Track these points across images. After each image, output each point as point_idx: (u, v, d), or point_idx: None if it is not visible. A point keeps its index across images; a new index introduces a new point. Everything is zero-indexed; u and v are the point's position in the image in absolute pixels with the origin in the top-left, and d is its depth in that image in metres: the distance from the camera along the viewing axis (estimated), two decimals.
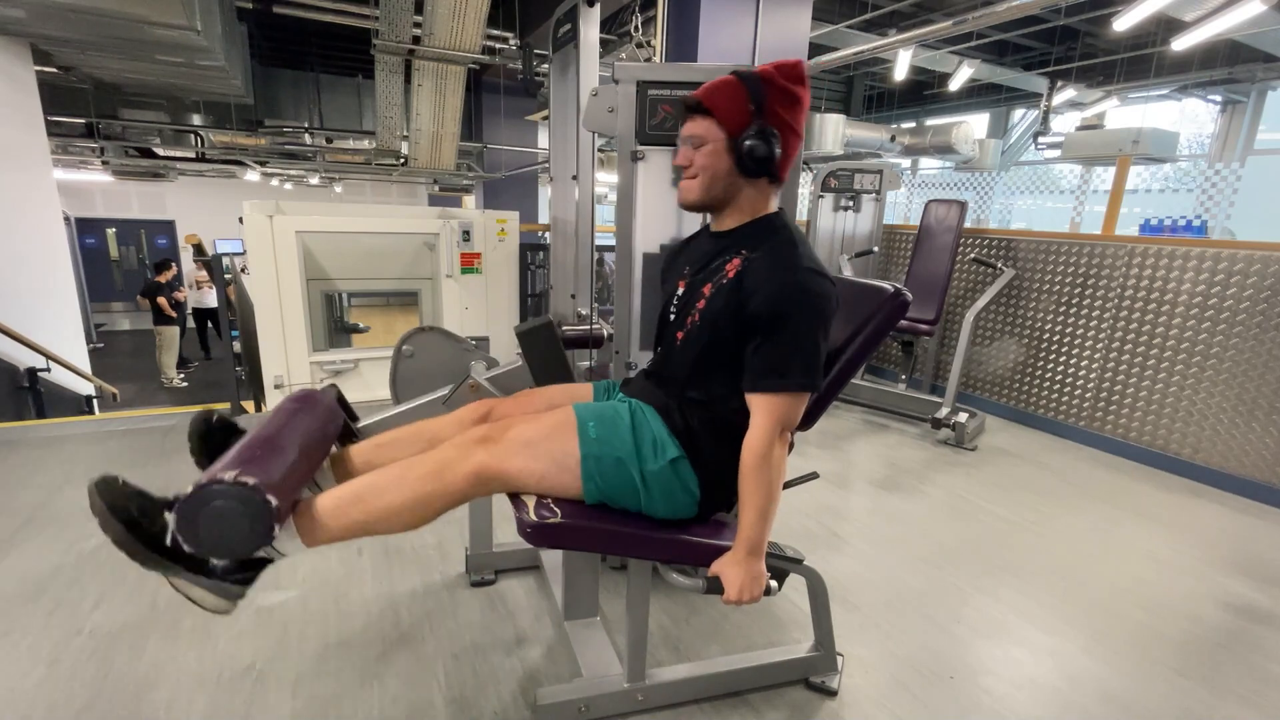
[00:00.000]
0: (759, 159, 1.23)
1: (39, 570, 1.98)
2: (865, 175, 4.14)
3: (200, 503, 1.03)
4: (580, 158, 2.26)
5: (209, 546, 1.06)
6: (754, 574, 1.25)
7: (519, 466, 1.23)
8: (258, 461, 1.10)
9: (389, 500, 1.18)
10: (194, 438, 1.30)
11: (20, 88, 4.69)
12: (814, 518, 2.51)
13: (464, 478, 1.20)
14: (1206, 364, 2.97)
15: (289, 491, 1.13)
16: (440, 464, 1.20)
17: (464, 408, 1.49)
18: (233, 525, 1.03)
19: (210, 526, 1.03)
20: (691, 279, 1.36)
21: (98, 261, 12.77)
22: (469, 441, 1.23)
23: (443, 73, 6.48)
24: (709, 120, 1.26)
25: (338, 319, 4.54)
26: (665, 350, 1.41)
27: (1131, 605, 2.01)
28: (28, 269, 4.79)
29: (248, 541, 1.05)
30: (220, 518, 1.03)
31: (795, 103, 1.25)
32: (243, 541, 1.05)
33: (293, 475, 1.16)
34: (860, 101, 11.65)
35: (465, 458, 1.21)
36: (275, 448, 1.17)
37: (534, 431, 1.25)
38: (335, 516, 1.17)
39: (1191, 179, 7.11)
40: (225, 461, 1.10)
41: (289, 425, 1.27)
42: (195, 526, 1.04)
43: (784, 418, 1.22)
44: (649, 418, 1.31)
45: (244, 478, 1.04)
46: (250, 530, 1.04)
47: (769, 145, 1.22)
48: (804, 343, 1.20)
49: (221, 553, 1.08)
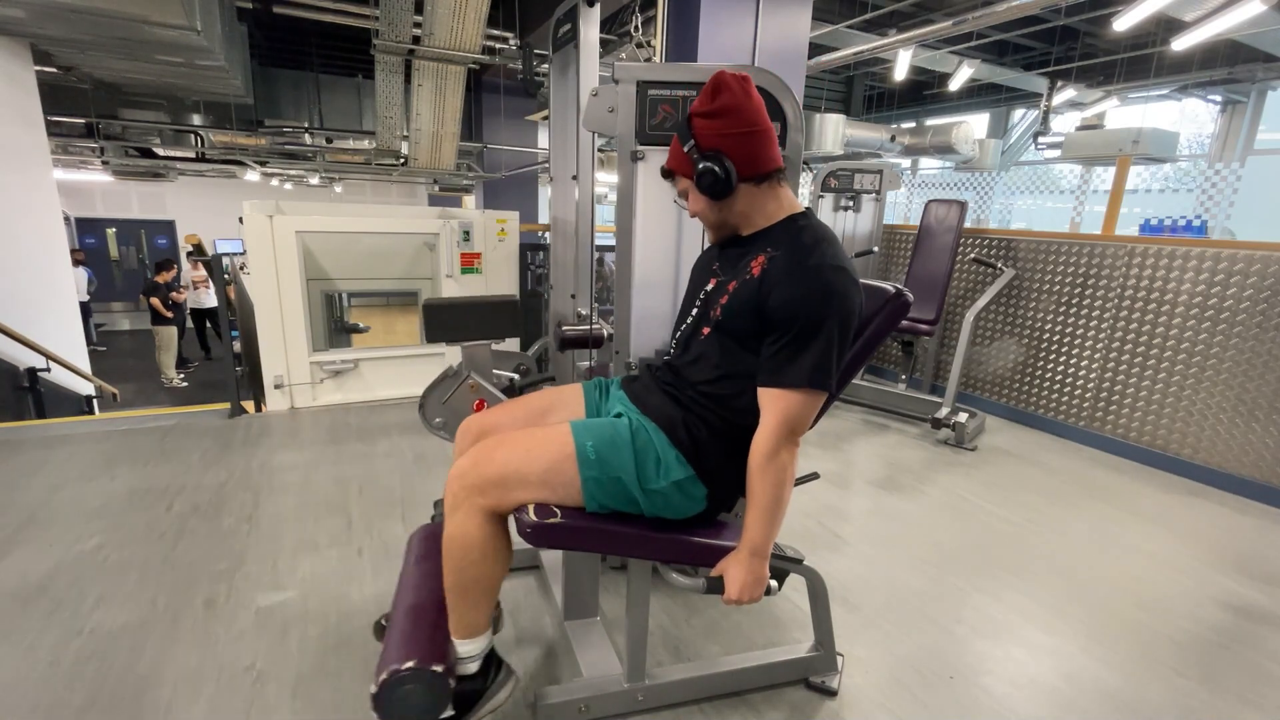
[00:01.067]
0: (714, 180, 1.27)
1: (39, 570, 1.99)
2: (865, 175, 4.14)
3: (389, 709, 1.20)
4: (580, 158, 2.26)
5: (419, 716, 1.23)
6: (756, 575, 1.25)
7: (521, 498, 1.26)
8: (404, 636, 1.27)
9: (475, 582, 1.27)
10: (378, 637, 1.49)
11: (20, 88, 4.69)
12: (814, 518, 2.51)
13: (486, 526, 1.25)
14: (1206, 364, 2.97)
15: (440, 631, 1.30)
16: (464, 538, 1.25)
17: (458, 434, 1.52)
18: (419, 698, 1.21)
19: (408, 712, 1.21)
20: (721, 276, 1.37)
21: (98, 262, 12.77)
22: (463, 489, 1.25)
23: (443, 73, 6.48)
24: (678, 177, 1.37)
25: (338, 319, 4.53)
26: (686, 345, 1.40)
27: (1131, 605, 2.02)
28: (28, 269, 4.79)
29: (438, 697, 1.23)
30: (407, 703, 1.21)
31: (723, 114, 1.26)
32: (435, 700, 1.23)
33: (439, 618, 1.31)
34: (860, 101, 11.65)
35: (472, 515, 1.24)
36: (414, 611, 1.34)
37: (529, 463, 1.25)
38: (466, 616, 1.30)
39: (1191, 179, 7.11)
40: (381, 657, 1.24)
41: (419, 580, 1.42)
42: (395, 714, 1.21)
43: (794, 417, 1.22)
44: (652, 436, 1.30)
45: (397, 667, 1.19)
46: (431, 691, 1.21)
47: (712, 164, 1.26)
48: (819, 341, 1.20)
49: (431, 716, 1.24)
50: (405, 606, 1.36)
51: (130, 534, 2.21)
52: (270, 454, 2.98)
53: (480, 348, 1.87)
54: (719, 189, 1.28)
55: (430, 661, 1.20)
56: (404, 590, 1.42)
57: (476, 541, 1.24)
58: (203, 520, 2.34)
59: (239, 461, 2.89)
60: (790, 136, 1.69)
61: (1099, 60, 8.01)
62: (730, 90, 1.25)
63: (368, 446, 3.11)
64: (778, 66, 2.08)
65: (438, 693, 1.22)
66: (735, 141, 1.26)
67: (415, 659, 1.20)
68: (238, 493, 2.57)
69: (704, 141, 1.27)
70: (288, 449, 3.06)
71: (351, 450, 3.06)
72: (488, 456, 1.26)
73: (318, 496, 2.55)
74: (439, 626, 1.29)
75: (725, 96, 1.25)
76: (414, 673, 1.19)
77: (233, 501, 2.49)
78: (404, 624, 1.31)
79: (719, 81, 1.26)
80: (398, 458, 2.97)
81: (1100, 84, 8.44)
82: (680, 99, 1.71)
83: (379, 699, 1.19)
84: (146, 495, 2.52)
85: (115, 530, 2.23)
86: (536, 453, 1.26)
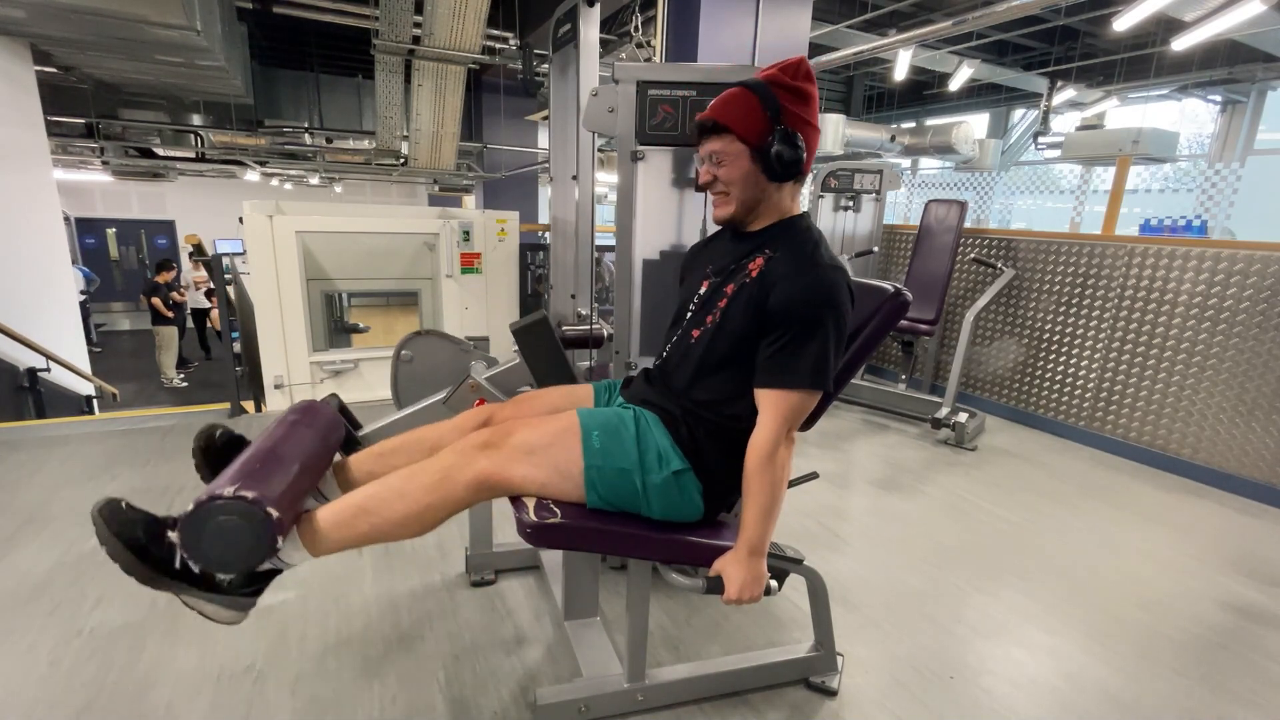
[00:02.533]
0: (788, 162, 1.23)
1: (39, 570, 1.98)
2: (865, 175, 4.14)
3: (203, 519, 1.04)
4: (580, 158, 2.25)
5: (215, 562, 1.07)
6: (755, 574, 1.25)
7: (522, 474, 1.23)
8: (258, 475, 1.10)
9: (393, 510, 1.18)
10: (198, 453, 1.32)
11: (20, 88, 4.69)
12: (814, 518, 2.51)
13: (466, 485, 1.20)
14: (1206, 364, 2.97)
15: (291, 503, 1.13)
16: (443, 472, 1.19)
17: (464, 414, 1.48)
18: (236, 540, 1.04)
19: (214, 542, 1.04)
20: (715, 278, 1.36)
21: (98, 262, 12.77)
22: (471, 448, 1.22)
23: (443, 73, 6.48)
24: (727, 136, 1.25)
25: (338, 319, 4.54)
26: (677, 348, 1.40)
27: (1131, 605, 2.02)
28: (28, 269, 4.78)
29: (252, 555, 1.07)
30: (223, 533, 1.04)
31: (807, 99, 1.25)
32: (247, 555, 1.06)
33: (295, 487, 1.16)
34: (860, 101, 11.65)
35: (468, 465, 1.20)
36: (276, 460, 1.18)
37: (537, 438, 1.24)
38: (340, 528, 1.17)
39: (1191, 179, 7.11)
40: (226, 476, 1.10)
41: (290, 437, 1.28)
42: (199, 543, 1.04)
43: (792, 416, 1.22)
44: (653, 427, 1.30)
45: (244, 492, 1.04)
46: (254, 544, 1.05)
47: (795, 147, 1.23)
48: (817, 341, 1.20)
49: (227, 567, 1.09)
50: (268, 447, 1.20)
51: None
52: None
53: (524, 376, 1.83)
54: (787, 170, 1.25)
55: (278, 526, 1.05)
56: (271, 435, 1.26)
57: (444, 490, 1.17)
58: None
59: None
60: None
61: (1099, 60, 8.01)
62: (813, 80, 1.25)
63: None
64: None
65: (253, 554, 1.05)
66: (808, 132, 1.26)
67: (275, 509, 1.04)
68: None
69: (789, 118, 1.23)
70: None
71: None
72: (506, 430, 1.26)
73: None
74: (292, 499, 1.14)
75: (810, 85, 1.24)
76: (263, 518, 1.03)
77: None
78: (264, 461, 1.15)
79: (809, 68, 1.24)
80: None
81: (1100, 84, 8.44)
82: (680, 99, 1.71)
83: (198, 513, 1.02)
84: (146, 495, 2.52)
85: None
86: (545, 429, 1.26)
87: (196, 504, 1.03)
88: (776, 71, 1.25)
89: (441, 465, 1.20)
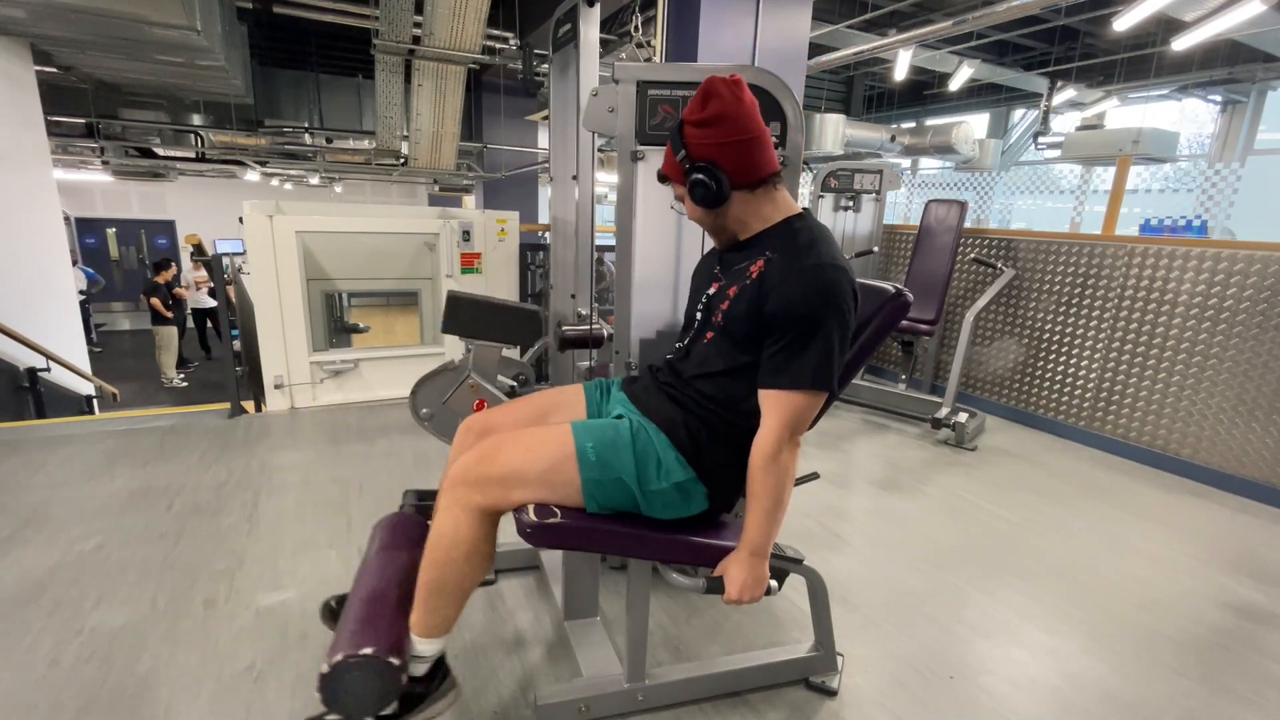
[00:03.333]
0: (705, 191, 1.27)
1: (39, 570, 1.99)
2: (865, 175, 4.14)
3: (336, 685, 1.16)
4: (580, 158, 2.26)
5: (361, 711, 1.18)
6: (757, 575, 1.25)
7: (520, 499, 1.26)
8: (368, 624, 1.23)
9: (452, 582, 1.25)
10: (325, 621, 1.45)
11: (20, 88, 4.69)
12: (814, 518, 2.51)
13: (479, 524, 1.24)
14: (1206, 364, 2.97)
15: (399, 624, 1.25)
16: (454, 531, 1.23)
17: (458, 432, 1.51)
18: (368, 689, 1.17)
19: (353, 701, 1.17)
20: (723, 280, 1.37)
21: (98, 262, 12.77)
22: (464, 488, 1.24)
23: (443, 73, 6.48)
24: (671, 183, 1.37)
25: (338, 319, 4.54)
26: (689, 348, 1.40)
27: (1131, 605, 2.02)
28: (28, 269, 4.78)
29: (388, 690, 1.18)
30: (356, 689, 1.17)
31: (714, 123, 1.24)
32: (384, 692, 1.18)
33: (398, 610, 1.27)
34: (860, 101, 11.65)
35: (468, 510, 1.23)
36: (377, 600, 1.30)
37: (529, 464, 1.25)
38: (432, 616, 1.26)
39: (1191, 179, 7.10)
40: (337, 638, 1.20)
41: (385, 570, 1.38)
42: (344, 703, 1.17)
43: (796, 418, 1.22)
44: (653, 438, 1.30)
45: (359, 650, 1.16)
46: (384, 686, 1.18)
47: (704, 174, 1.26)
48: (819, 341, 1.20)
49: (374, 709, 1.20)
50: (365, 592, 1.32)
51: (130, 534, 2.21)
52: (270, 454, 2.98)
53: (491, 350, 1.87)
54: (711, 199, 1.28)
55: (387, 653, 1.17)
56: (365, 576, 1.38)
57: (465, 539, 1.23)
58: (203, 520, 2.34)
59: (239, 461, 2.89)
60: (790, 137, 1.69)
61: (1099, 60, 8.01)
62: (720, 97, 1.23)
63: (368, 446, 3.11)
64: (778, 66, 2.08)
65: (388, 685, 1.18)
66: (727, 150, 1.25)
67: (373, 647, 1.17)
68: (238, 493, 2.57)
69: (695, 151, 1.26)
70: (288, 449, 3.06)
71: (351, 450, 3.06)
72: (490, 455, 1.26)
73: (318, 496, 2.55)
74: (398, 619, 1.26)
75: (715, 104, 1.23)
76: (369, 661, 1.16)
77: (233, 501, 2.49)
78: (363, 610, 1.27)
79: (709, 89, 1.24)
80: (398, 458, 2.97)
81: (1100, 84, 8.44)
82: (680, 99, 1.71)
83: (328, 680, 1.15)
84: (146, 495, 2.52)
85: (115, 530, 2.23)
86: (537, 453, 1.26)
87: (321, 680, 1.15)
88: (685, 111, 1.29)
89: (449, 522, 1.24)
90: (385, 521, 1.57)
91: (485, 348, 1.85)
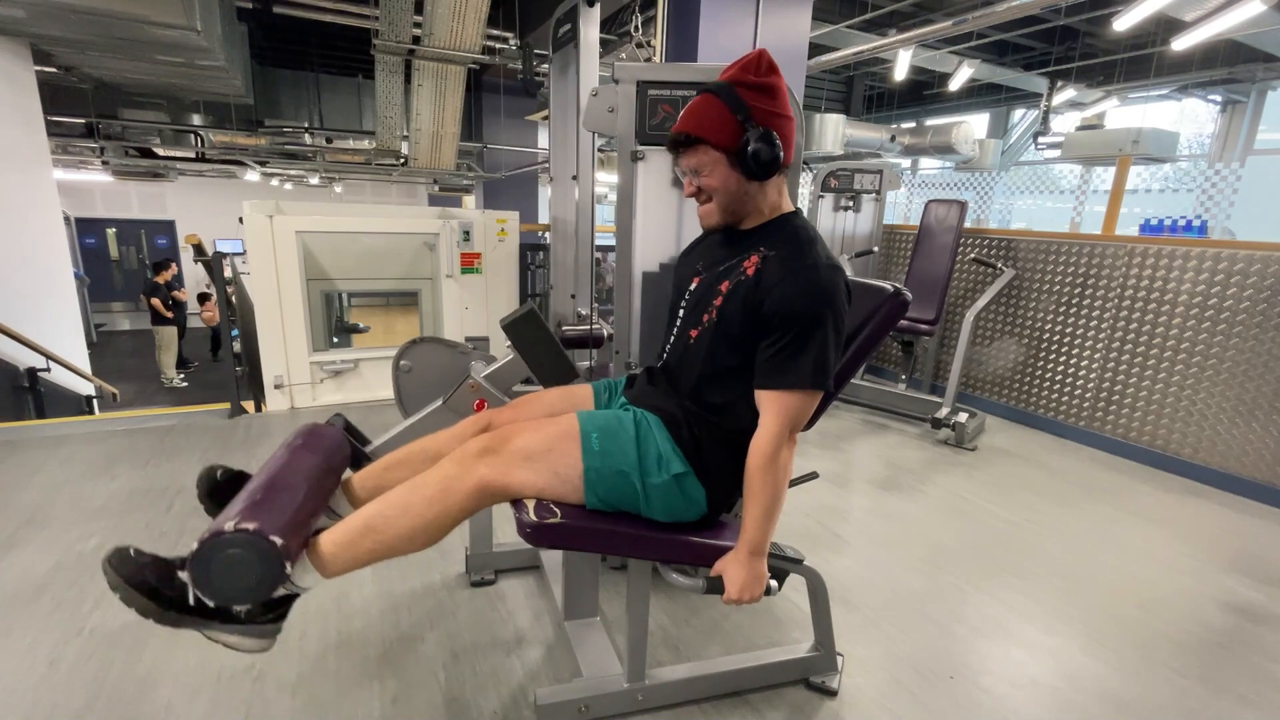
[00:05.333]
0: (767, 161, 1.22)
1: (39, 570, 1.98)
2: (865, 175, 4.14)
3: (210, 555, 1.04)
4: (580, 158, 2.26)
5: (227, 596, 1.08)
6: (756, 574, 1.25)
7: (521, 480, 1.23)
8: (261, 505, 1.11)
9: (398, 527, 1.18)
10: (203, 497, 1.35)
11: (20, 88, 4.69)
12: (814, 518, 2.51)
13: (467, 495, 1.20)
14: (1206, 364, 2.97)
15: (298, 529, 1.14)
16: (443, 483, 1.19)
17: (463, 421, 1.48)
18: (245, 572, 1.05)
19: (223, 576, 1.05)
20: (707, 274, 1.35)
21: (98, 261, 12.77)
22: (469, 456, 1.22)
23: (443, 73, 6.48)
24: (702, 146, 1.25)
25: (338, 319, 4.54)
26: (676, 347, 1.39)
27: (1131, 605, 2.02)
28: (28, 269, 4.78)
29: (262, 585, 1.07)
30: (231, 566, 1.04)
31: (774, 93, 1.24)
32: (257, 586, 1.07)
33: (300, 512, 1.17)
34: (860, 101, 11.64)
35: (467, 473, 1.20)
36: (278, 488, 1.19)
37: (536, 443, 1.24)
38: (347, 548, 1.18)
39: (1191, 179, 7.10)
40: (229, 511, 1.10)
41: (292, 463, 1.29)
42: (209, 579, 1.05)
43: (795, 417, 1.22)
44: (654, 429, 1.29)
45: (246, 524, 1.05)
46: (263, 574, 1.06)
47: (771, 145, 1.22)
48: (817, 341, 1.20)
49: (241, 600, 1.09)
50: (270, 478, 1.20)
51: (130, 534, 2.21)
52: (270, 454, 2.98)
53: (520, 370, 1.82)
54: (765, 169, 1.23)
55: (285, 553, 1.05)
56: (273, 464, 1.27)
57: (446, 502, 1.18)
58: (203, 520, 2.31)
59: (239, 461, 2.88)
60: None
61: (1099, 60, 8.01)
62: (775, 70, 1.23)
63: None
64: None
65: (264, 584, 1.06)
66: (782, 125, 1.24)
67: (279, 538, 1.05)
68: None
69: (759, 116, 1.22)
70: None
71: None
72: (504, 435, 1.25)
73: None
74: (299, 526, 1.15)
75: (774, 76, 1.23)
76: (268, 547, 1.04)
77: None
78: (267, 492, 1.15)
79: (769, 59, 1.22)
80: None
81: (1100, 84, 8.44)
82: (680, 99, 1.71)
83: (207, 547, 1.03)
84: (146, 495, 2.52)
85: (115, 530, 2.23)
86: (544, 433, 1.26)
87: (201, 541, 1.04)
88: (738, 71, 1.24)
89: (441, 476, 1.20)
90: (308, 427, 1.45)
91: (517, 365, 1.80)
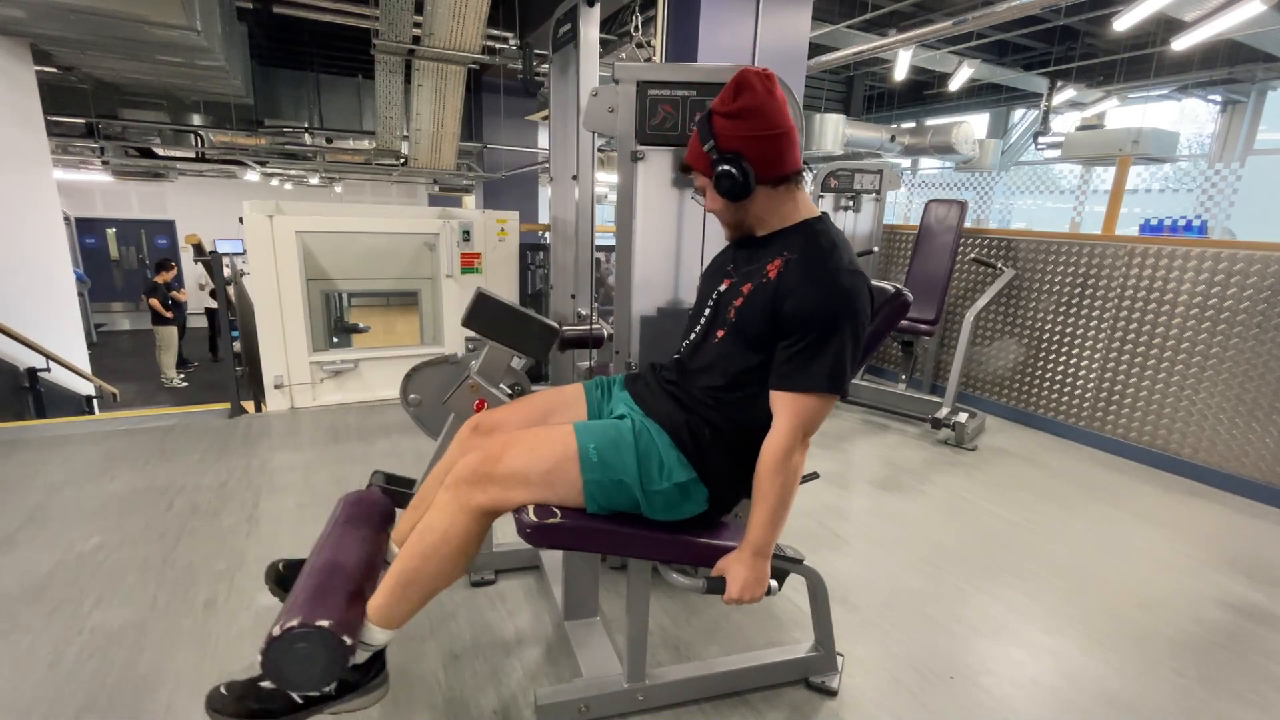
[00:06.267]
0: (731, 183, 1.27)
1: (39, 570, 1.98)
2: (865, 175, 4.13)
3: (277, 660, 1.13)
4: (580, 158, 2.26)
5: (311, 684, 1.16)
6: (758, 574, 1.25)
7: (520, 499, 1.25)
8: (313, 594, 1.20)
9: (428, 571, 1.23)
10: (272, 587, 1.45)
11: (20, 88, 4.68)
12: (814, 518, 2.51)
13: (473, 523, 1.23)
14: (1206, 364, 2.97)
15: (353, 601, 1.22)
16: (448, 525, 1.22)
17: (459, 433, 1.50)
18: (312, 660, 1.14)
19: (297, 673, 1.14)
20: (736, 277, 1.37)
21: (98, 261, 12.76)
22: (465, 485, 1.23)
23: (443, 73, 6.48)
24: (696, 173, 1.37)
25: (338, 319, 4.54)
26: (697, 344, 1.40)
27: (1131, 605, 2.02)
28: (28, 269, 4.78)
29: (334, 664, 1.15)
30: (298, 662, 1.13)
31: (748, 114, 1.24)
32: (330, 666, 1.15)
33: (352, 583, 1.26)
34: (860, 101, 11.64)
35: (465, 510, 1.22)
36: (327, 569, 1.27)
37: (531, 464, 1.24)
38: (400, 603, 1.24)
39: (1191, 179, 7.11)
40: (291, 605, 1.18)
41: (342, 543, 1.37)
42: (288, 678, 1.15)
43: (809, 419, 1.22)
44: (655, 438, 1.29)
45: (289, 622, 1.12)
46: (328, 656, 1.14)
47: (732, 166, 1.25)
48: (835, 345, 1.20)
49: (325, 681, 1.17)
50: (324, 562, 1.29)
51: (130, 534, 2.21)
52: (270, 454, 2.98)
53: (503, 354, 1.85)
54: (736, 191, 1.28)
55: (342, 629, 1.14)
56: (325, 547, 1.35)
57: (457, 536, 1.22)
58: (203, 520, 2.34)
59: (239, 461, 2.88)
60: None
61: (1099, 60, 8.01)
62: (753, 90, 1.24)
63: (368, 446, 3.11)
64: (778, 66, 2.07)
65: (334, 663, 1.14)
66: (755, 144, 1.26)
67: (329, 620, 1.13)
68: (238, 493, 2.57)
69: (724, 143, 1.26)
70: (288, 449, 3.06)
71: (351, 450, 3.06)
72: (495, 455, 1.25)
73: (318, 496, 2.55)
74: (355, 598, 1.23)
75: (747, 97, 1.24)
76: (322, 633, 1.12)
77: (233, 501, 2.49)
78: (321, 579, 1.24)
79: (742, 80, 1.24)
80: (398, 458, 2.97)
81: (1100, 84, 8.44)
82: (680, 99, 1.71)
83: (273, 645, 1.11)
84: (146, 495, 2.52)
85: (115, 530, 2.23)
86: (540, 453, 1.26)
87: (262, 652, 1.12)
88: (716, 100, 1.29)
89: (442, 517, 1.23)
90: (351, 497, 1.55)
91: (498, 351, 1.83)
